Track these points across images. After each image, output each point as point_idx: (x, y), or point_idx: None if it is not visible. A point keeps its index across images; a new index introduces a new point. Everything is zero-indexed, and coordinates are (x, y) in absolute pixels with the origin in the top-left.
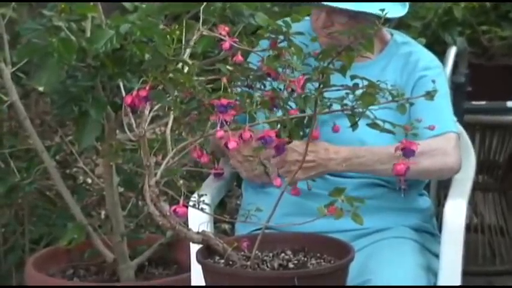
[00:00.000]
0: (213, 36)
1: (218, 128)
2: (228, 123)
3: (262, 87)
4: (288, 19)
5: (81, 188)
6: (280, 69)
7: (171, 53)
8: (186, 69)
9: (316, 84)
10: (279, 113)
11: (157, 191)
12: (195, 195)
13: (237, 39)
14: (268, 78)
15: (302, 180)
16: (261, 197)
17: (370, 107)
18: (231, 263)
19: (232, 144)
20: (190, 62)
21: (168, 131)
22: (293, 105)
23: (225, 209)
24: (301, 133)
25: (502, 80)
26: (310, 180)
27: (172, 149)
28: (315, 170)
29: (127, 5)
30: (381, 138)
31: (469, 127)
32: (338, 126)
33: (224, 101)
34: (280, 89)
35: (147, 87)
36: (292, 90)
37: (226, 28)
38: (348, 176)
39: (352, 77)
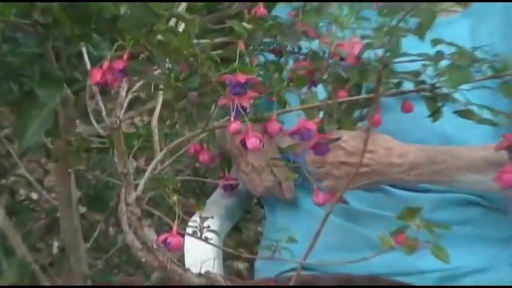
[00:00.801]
0: None
1: (231, 118)
2: (247, 110)
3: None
4: None
5: (23, 206)
6: (323, 27)
7: (161, 5)
8: (182, 28)
9: (379, 52)
10: (323, 94)
11: (139, 212)
12: (196, 217)
13: None
14: (305, 41)
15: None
16: (294, 220)
17: (461, 87)
18: None
19: (253, 143)
20: (188, 17)
21: (154, 122)
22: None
23: (240, 239)
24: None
25: None
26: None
27: (161, 149)
28: (368, 177)
29: None
30: (475, 133)
31: None
32: (410, 105)
33: (241, 77)
34: (323, 55)
35: (125, 56)
36: (342, 59)
37: None
38: (423, 189)
39: (435, 42)
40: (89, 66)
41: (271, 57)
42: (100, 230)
